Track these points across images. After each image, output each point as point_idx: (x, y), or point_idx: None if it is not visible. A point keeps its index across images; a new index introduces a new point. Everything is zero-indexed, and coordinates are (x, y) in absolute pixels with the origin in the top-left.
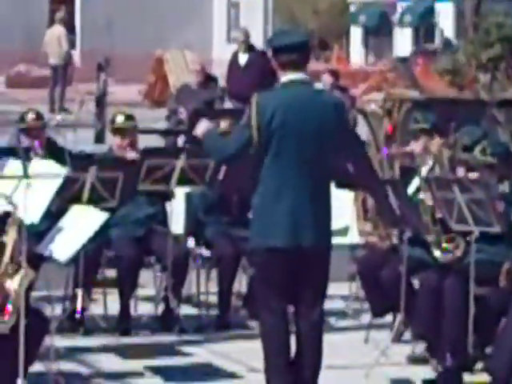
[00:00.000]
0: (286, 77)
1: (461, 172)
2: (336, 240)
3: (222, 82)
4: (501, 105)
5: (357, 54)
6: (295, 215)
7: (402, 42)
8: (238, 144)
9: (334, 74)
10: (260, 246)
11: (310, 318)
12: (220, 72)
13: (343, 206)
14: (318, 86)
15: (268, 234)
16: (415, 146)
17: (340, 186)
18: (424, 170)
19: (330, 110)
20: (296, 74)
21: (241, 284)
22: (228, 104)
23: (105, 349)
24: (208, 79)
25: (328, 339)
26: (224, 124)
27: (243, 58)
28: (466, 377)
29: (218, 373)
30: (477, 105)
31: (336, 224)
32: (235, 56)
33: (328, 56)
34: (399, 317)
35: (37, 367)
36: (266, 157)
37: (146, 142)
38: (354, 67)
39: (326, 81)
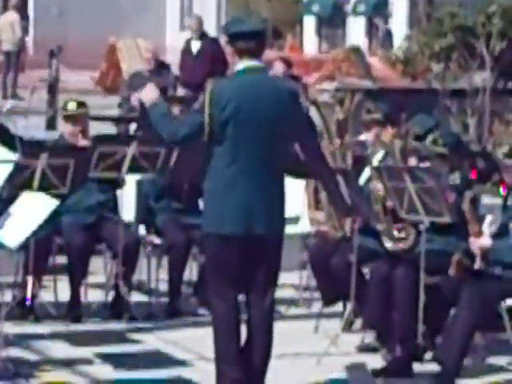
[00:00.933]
0: (241, 64)
1: (412, 162)
2: (287, 229)
3: (175, 70)
4: (453, 94)
5: (310, 43)
6: (248, 203)
7: (356, 31)
8: (191, 128)
9: (286, 62)
10: (212, 233)
11: (261, 306)
12: (173, 59)
13: (294, 194)
14: (270, 74)
15: (221, 221)
16: (367, 136)
17: (291, 174)
18: (375, 160)
19: (284, 97)
20: (252, 61)
21: (191, 272)
22: (181, 91)
23: (55, 336)
24: (160, 66)
25: (278, 328)
26: (175, 110)
27: (196, 46)
28: (416, 366)
29: (167, 360)
30: (429, 94)
31: (287, 212)
32: (188, 43)
33: (281, 44)
34: (349, 306)
35: None
36: (219, 144)
37: (97, 129)
38: (308, 56)
39: (278, 69)
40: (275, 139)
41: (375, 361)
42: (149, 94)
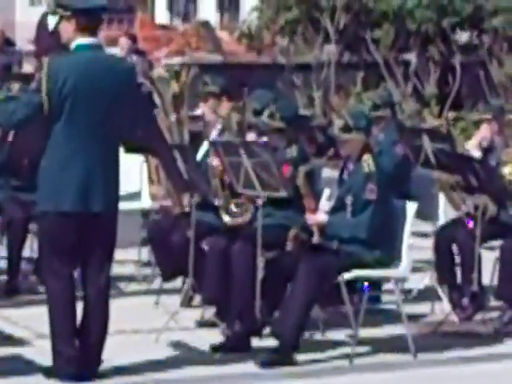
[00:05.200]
0: (79, 41)
1: (251, 136)
2: (127, 205)
3: (24, 46)
4: (298, 69)
5: (161, 18)
6: (85, 180)
7: (207, 6)
8: (29, 109)
9: (132, 37)
10: (48, 210)
11: (96, 282)
12: (22, 35)
13: (133, 170)
14: (116, 50)
15: (57, 198)
16: (204, 110)
17: (129, 150)
18: (213, 134)
19: (121, 75)
20: (91, 39)
21: (32, 249)
22: (29, 68)
23: None
24: (5, 43)
25: (118, 304)
26: (15, 88)
27: (52, 21)
28: (254, 341)
29: (6, 339)
30: (274, 69)
31: (127, 189)
32: (44, 18)
33: (132, 19)
34: (188, 281)
35: None
36: (57, 121)
37: None
38: (158, 31)
39: (124, 44)
40: (112, 116)
41: (214, 336)
42: None
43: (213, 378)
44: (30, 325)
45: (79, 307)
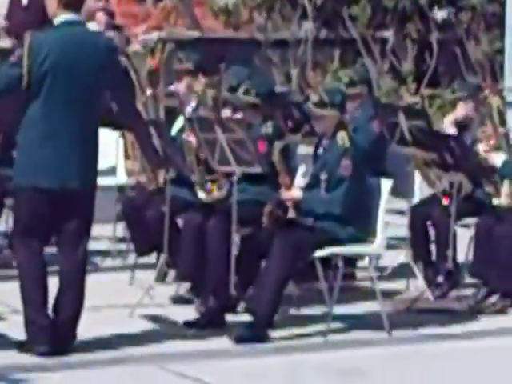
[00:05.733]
0: (62, 17)
1: (226, 112)
2: (103, 180)
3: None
4: (275, 45)
5: None
6: (62, 156)
7: None
8: (8, 81)
9: (109, 12)
10: (24, 185)
11: (72, 258)
12: None
13: (109, 146)
14: (93, 25)
15: (34, 174)
16: (179, 86)
17: (105, 125)
18: (188, 110)
19: (101, 52)
20: (72, 15)
21: (7, 224)
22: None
23: None
24: None
25: (93, 279)
26: None
27: None
28: (229, 317)
29: None
30: (251, 45)
31: (102, 164)
32: None
33: None
34: (163, 257)
35: None
36: (35, 97)
37: None
38: (136, 6)
39: (101, 20)
40: (90, 92)
41: (189, 312)
42: None
43: (187, 354)
44: (4, 299)
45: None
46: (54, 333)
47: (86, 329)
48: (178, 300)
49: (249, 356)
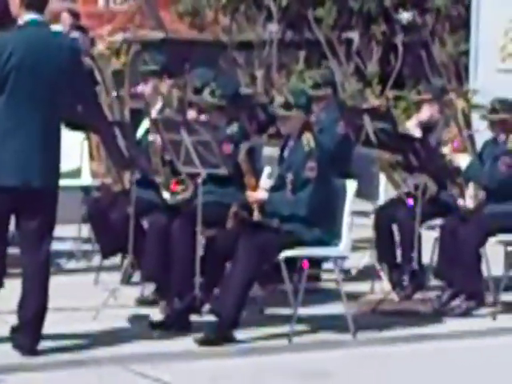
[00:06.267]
0: (26, 17)
1: (192, 114)
2: (68, 182)
3: None
4: (240, 47)
5: None
6: (25, 156)
7: None
8: None
9: (74, 13)
10: None
11: (35, 259)
12: None
13: (73, 147)
14: (58, 26)
15: None
16: (145, 88)
17: (70, 127)
18: (154, 112)
19: (65, 53)
20: (36, 15)
21: None
22: None
23: None
24: None
25: (57, 281)
26: None
27: None
28: (194, 319)
29: None
30: (216, 46)
31: (67, 165)
32: None
33: None
34: (128, 259)
35: None
36: None
37: None
38: (101, 8)
39: (66, 21)
40: (54, 93)
41: (154, 313)
42: None
43: (152, 356)
44: None
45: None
46: (18, 334)
47: (51, 331)
48: (144, 301)
49: (214, 358)
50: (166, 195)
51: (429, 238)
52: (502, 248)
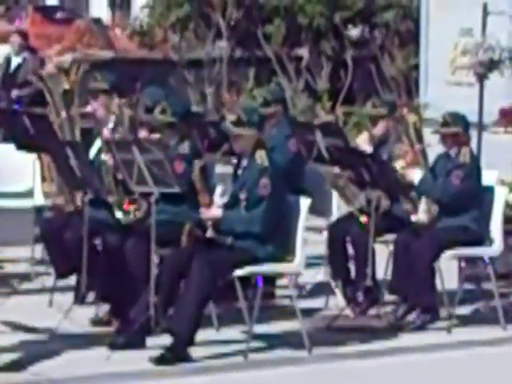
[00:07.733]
0: None
1: (143, 133)
2: (20, 202)
3: None
4: (190, 65)
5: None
6: None
7: (99, 3)
8: None
9: (23, 34)
10: None
11: None
12: None
13: (26, 168)
14: (7, 47)
15: None
16: (95, 106)
17: (22, 147)
18: (106, 131)
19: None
20: None
21: None
22: None
23: None
24: None
25: (12, 303)
26: None
27: None
28: (149, 338)
29: None
30: (166, 65)
31: (19, 186)
32: None
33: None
34: (82, 279)
35: None
36: None
37: None
38: (49, 28)
39: (15, 42)
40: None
41: (109, 334)
42: None
43: (106, 376)
44: None
45: None
46: None
47: (5, 352)
48: (98, 322)
49: (169, 377)
50: (119, 215)
51: (383, 252)
52: (456, 262)
